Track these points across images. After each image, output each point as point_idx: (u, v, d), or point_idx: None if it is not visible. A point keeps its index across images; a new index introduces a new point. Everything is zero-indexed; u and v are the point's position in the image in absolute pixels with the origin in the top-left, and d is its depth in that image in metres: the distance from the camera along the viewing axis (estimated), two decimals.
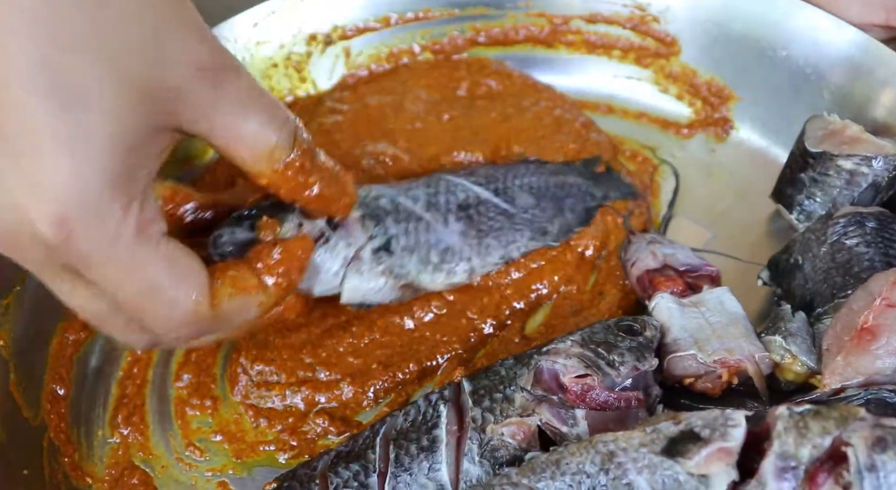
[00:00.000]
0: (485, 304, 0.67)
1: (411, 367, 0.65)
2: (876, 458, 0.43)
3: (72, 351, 0.67)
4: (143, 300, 0.47)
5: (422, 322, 0.67)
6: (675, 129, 0.79)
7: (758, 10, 0.74)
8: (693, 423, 0.47)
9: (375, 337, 0.66)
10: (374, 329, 0.66)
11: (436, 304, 0.67)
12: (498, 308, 0.67)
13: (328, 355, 0.65)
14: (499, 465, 0.53)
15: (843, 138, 0.67)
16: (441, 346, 0.66)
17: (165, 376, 0.67)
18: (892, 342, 0.53)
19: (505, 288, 0.68)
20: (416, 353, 0.65)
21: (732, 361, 0.57)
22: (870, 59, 0.69)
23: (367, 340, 0.66)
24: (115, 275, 0.46)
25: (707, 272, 0.65)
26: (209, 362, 0.67)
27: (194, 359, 0.67)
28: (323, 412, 0.63)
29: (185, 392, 0.66)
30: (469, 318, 0.67)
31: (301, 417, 0.63)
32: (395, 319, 0.66)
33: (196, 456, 0.63)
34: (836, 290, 0.60)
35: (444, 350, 0.66)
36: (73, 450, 0.63)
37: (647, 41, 0.80)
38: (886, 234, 0.62)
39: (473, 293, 0.67)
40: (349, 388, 0.64)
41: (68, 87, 0.42)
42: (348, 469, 0.56)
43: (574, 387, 0.55)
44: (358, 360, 0.65)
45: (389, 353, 0.65)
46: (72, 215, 0.43)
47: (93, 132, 0.43)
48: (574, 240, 0.69)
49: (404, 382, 0.65)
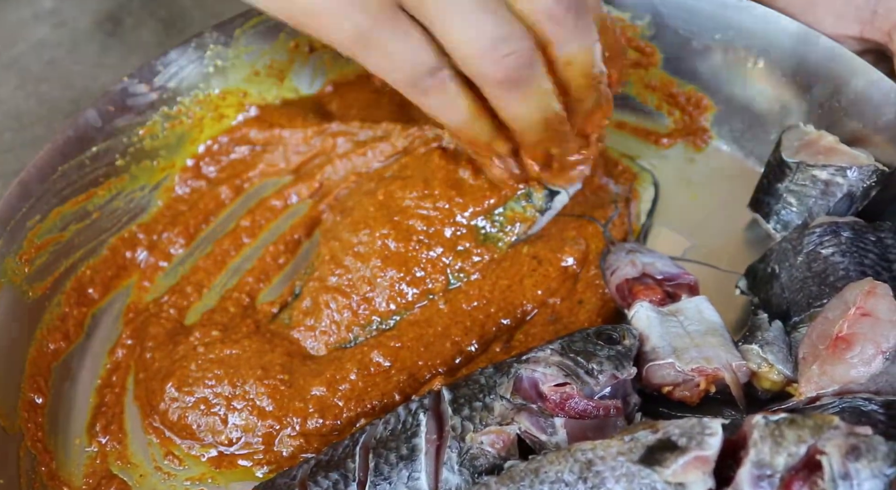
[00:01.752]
0: (469, 327, 0.66)
1: (396, 397, 0.64)
2: (850, 467, 0.43)
3: (51, 360, 0.66)
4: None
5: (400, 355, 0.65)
6: (655, 139, 0.80)
7: (735, 21, 0.74)
8: (670, 432, 0.47)
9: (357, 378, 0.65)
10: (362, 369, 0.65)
11: (415, 333, 0.66)
12: (483, 327, 0.67)
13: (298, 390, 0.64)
14: (478, 474, 0.53)
15: (819, 149, 0.67)
16: (424, 369, 0.65)
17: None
18: (866, 351, 0.54)
19: (490, 306, 0.67)
20: (399, 384, 0.64)
21: (710, 370, 0.58)
22: (844, 70, 0.70)
23: (346, 385, 0.64)
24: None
25: (685, 281, 0.65)
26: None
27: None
28: (299, 435, 0.63)
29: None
30: (454, 340, 0.66)
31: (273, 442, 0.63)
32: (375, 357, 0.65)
33: (175, 465, 0.63)
34: (812, 299, 0.61)
35: (428, 372, 0.65)
36: (50, 459, 0.62)
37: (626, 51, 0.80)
38: (861, 244, 0.63)
39: (457, 317, 0.67)
40: (320, 421, 0.63)
41: None
42: (328, 478, 0.56)
43: (553, 395, 0.55)
44: (334, 397, 0.64)
45: (374, 390, 0.64)
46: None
47: None
48: (557, 252, 0.69)
49: (386, 407, 0.64)
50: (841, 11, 0.71)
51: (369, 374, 0.64)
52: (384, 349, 0.65)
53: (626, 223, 0.73)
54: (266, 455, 0.62)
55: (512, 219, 0.68)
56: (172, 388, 0.64)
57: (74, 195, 0.69)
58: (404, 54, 0.54)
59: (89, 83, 0.90)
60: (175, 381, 0.64)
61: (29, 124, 0.87)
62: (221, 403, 0.63)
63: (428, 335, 0.66)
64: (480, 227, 0.68)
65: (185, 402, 0.64)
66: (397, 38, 0.53)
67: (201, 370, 0.65)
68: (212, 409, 0.63)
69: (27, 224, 0.66)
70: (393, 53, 0.54)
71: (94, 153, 0.70)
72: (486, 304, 0.67)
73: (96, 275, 0.71)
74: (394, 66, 0.55)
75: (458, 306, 0.67)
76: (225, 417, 0.63)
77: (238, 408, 0.63)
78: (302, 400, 0.63)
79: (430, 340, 0.65)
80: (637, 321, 0.62)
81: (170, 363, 0.66)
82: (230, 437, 0.63)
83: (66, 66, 0.92)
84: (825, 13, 0.72)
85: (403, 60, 0.54)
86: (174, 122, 0.74)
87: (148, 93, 0.72)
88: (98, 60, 0.92)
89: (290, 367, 0.64)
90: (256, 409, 0.63)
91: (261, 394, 0.63)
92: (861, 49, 0.72)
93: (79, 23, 0.95)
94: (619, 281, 0.66)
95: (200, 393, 0.64)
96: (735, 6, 0.74)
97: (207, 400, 0.64)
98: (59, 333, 0.67)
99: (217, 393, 0.64)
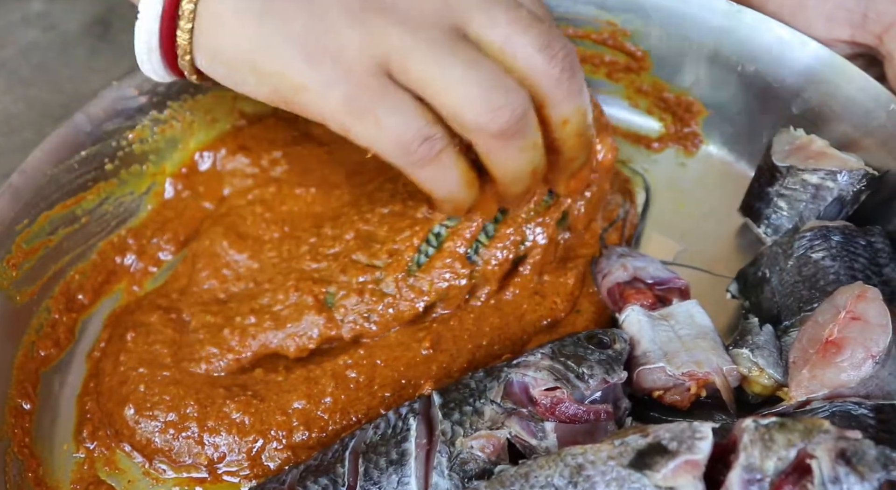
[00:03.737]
0: (455, 355, 0.64)
1: (381, 413, 0.62)
2: (839, 471, 0.43)
3: (39, 365, 0.66)
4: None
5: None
6: (646, 143, 0.80)
7: (726, 27, 0.74)
8: (661, 436, 0.47)
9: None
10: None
11: (389, 354, 0.64)
12: (474, 355, 0.65)
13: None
14: (468, 479, 0.53)
15: (809, 153, 0.68)
16: (409, 387, 0.63)
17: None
18: (856, 355, 0.54)
19: (494, 343, 0.66)
20: (385, 400, 0.63)
21: (701, 374, 0.58)
22: (835, 74, 0.70)
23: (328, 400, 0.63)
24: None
25: (676, 285, 0.65)
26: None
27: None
28: (286, 448, 0.61)
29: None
30: (441, 364, 0.64)
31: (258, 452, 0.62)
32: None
33: (163, 472, 0.62)
34: (802, 303, 0.61)
35: (413, 389, 0.63)
36: (37, 464, 0.62)
37: (618, 56, 0.80)
38: (851, 248, 0.63)
39: (442, 345, 0.65)
40: (307, 434, 0.62)
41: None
42: (317, 483, 0.55)
43: (543, 400, 0.55)
44: (318, 410, 0.62)
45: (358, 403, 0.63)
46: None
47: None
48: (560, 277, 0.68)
49: (372, 420, 0.62)
50: (831, 15, 0.71)
51: (350, 389, 0.62)
52: (358, 367, 0.63)
53: (623, 228, 0.73)
54: (253, 469, 0.61)
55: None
56: (132, 412, 0.62)
57: (63, 199, 0.69)
58: (394, 122, 0.52)
59: (79, 87, 0.89)
60: (132, 404, 0.62)
61: (18, 128, 0.87)
62: (192, 425, 0.61)
63: (407, 357, 0.64)
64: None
65: (150, 426, 0.62)
66: (386, 105, 0.52)
67: (159, 392, 0.62)
68: (182, 432, 0.61)
69: (15, 228, 0.65)
70: (382, 121, 0.52)
71: (83, 157, 0.70)
72: (476, 337, 0.65)
73: (85, 280, 0.70)
74: (384, 135, 0.53)
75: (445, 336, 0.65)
76: (200, 438, 0.61)
77: (211, 427, 0.61)
78: (283, 414, 0.61)
79: (415, 362, 0.63)
80: (628, 325, 0.62)
81: (119, 382, 0.64)
82: (210, 456, 0.61)
83: (55, 70, 0.91)
84: (816, 17, 0.72)
85: (394, 128, 0.52)
86: (164, 126, 0.74)
87: (137, 97, 0.72)
88: (88, 64, 0.91)
89: (249, 382, 0.63)
90: (235, 426, 0.61)
91: (234, 409, 0.61)
92: (852, 53, 0.72)
93: (68, 26, 0.94)
94: (610, 285, 0.66)
95: (165, 416, 0.62)
96: (725, 11, 0.74)
97: (175, 422, 0.61)
98: (49, 340, 0.67)
99: (185, 414, 0.61)
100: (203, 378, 0.64)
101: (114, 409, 0.63)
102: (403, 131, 0.53)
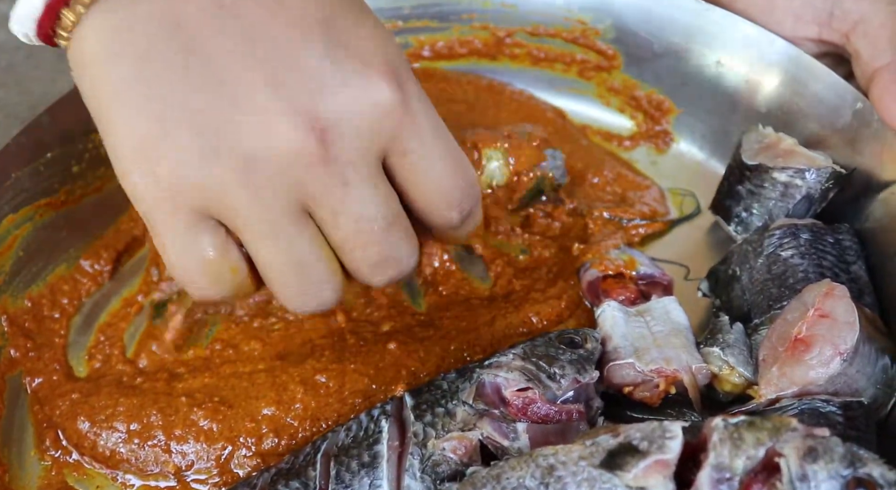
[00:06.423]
0: (423, 357, 0.64)
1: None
2: (807, 469, 0.43)
3: (5, 369, 0.65)
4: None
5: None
6: (618, 142, 0.80)
7: (695, 25, 0.75)
8: (631, 436, 0.47)
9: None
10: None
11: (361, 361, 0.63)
12: (443, 359, 0.64)
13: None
14: (440, 481, 0.53)
15: (778, 151, 0.68)
16: (379, 392, 0.62)
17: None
18: (824, 352, 0.54)
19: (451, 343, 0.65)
20: (355, 407, 0.62)
21: (669, 371, 0.58)
22: (803, 73, 0.71)
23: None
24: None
25: (661, 281, 0.65)
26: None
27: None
28: (255, 455, 0.61)
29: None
30: (409, 370, 0.63)
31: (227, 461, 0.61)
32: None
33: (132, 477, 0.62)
34: (772, 301, 0.61)
35: (383, 394, 0.62)
36: (3, 471, 0.61)
37: (589, 55, 0.80)
38: (820, 246, 0.63)
39: (409, 347, 0.64)
40: (276, 440, 0.61)
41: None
42: (288, 486, 0.55)
43: (515, 400, 0.55)
44: (287, 417, 0.62)
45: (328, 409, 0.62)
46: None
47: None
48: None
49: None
50: (799, 13, 0.71)
51: (320, 395, 0.62)
52: (328, 373, 0.62)
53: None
54: (222, 476, 0.60)
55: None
56: (87, 426, 0.61)
57: (28, 202, 0.68)
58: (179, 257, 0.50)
59: (48, 88, 0.88)
60: (84, 417, 0.61)
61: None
62: (158, 433, 0.60)
63: (376, 360, 0.63)
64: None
65: (113, 437, 0.61)
66: (177, 243, 0.49)
67: (110, 404, 0.61)
68: (148, 441, 0.60)
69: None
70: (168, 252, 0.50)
71: (48, 159, 0.69)
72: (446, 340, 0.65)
73: (53, 285, 0.69)
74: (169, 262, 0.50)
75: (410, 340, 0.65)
76: (167, 446, 0.60)
77: (179, 435, 0.60)
78: (253, 420, 0.60)
79: (383, 366, 0.63)
80: (602, 320, 0.62)
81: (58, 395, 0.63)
82: (177, 464, 0.60)
83: (23, 72, 0.90)
84: (784, 15, 0.72)
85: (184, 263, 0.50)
86: None
87: None
88: (56, 65, 0.90)
89: (215, 389, 0.62)
90: (203, 434, 0.60)
91: (201, 417, 0.61)
92: (820, 51, 0.73)
93: None
94: (592, 278, 0.66)
95: (126, 426, 0.61)
96: (694, 10, 0.75)
97: (139, 432, 0.60)
98: (14, 344, 0.66)
99: (149, 423, 0.60)
100: (160, 387, 0.63)
101: (66, 425, 0.62)
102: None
